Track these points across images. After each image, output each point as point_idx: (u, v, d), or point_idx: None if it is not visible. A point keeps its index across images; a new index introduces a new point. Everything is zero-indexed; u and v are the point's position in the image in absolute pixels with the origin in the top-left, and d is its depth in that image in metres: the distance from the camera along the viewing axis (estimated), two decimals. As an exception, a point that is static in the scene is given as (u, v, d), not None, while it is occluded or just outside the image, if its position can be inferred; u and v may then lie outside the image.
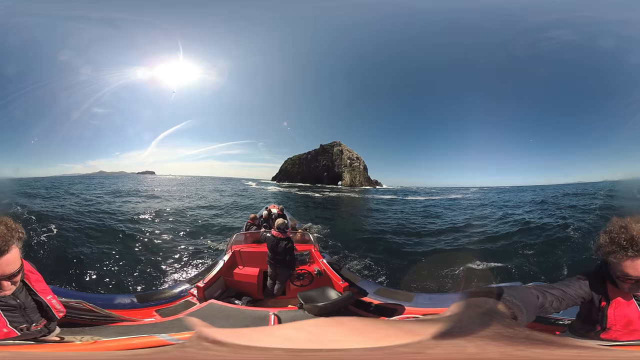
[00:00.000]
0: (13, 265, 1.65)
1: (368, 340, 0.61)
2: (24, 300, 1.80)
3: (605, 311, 1.68)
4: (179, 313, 3.58)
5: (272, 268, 5.10)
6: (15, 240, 1.67)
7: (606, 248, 1.54)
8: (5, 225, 1.64)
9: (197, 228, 13.05)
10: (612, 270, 1.59)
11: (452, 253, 10.06)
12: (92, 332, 2.10)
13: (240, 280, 5.34)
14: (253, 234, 6.48)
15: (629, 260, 1.49)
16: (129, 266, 7.81)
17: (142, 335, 1.76)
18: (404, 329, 0.67)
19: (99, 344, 1.60)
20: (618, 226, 1.54)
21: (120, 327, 2.60)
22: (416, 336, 0.61)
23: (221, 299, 4.49)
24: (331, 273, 5.01)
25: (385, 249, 10.40)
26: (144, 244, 10.00)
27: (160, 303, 3.97)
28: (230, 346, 0.60)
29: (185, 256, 8.73)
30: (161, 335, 1.74)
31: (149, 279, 7.22)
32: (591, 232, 11.44)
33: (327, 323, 0.68)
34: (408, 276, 7.75)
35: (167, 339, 1.68)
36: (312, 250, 5.88)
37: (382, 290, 4.45)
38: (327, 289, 4.05)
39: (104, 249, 9.06)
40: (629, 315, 1.66)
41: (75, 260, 8.00)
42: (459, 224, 16.51)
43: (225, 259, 5.50)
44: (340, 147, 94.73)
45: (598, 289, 1.69)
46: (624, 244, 1.48)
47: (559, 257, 9.17)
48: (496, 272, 8.19)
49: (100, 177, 69.97)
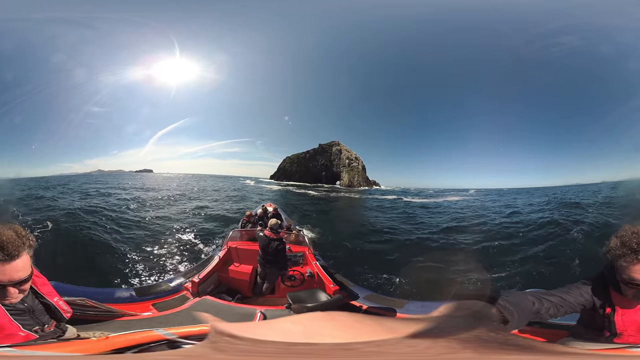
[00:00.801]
0: (22, 272, 1.62)
1: (355, 335, 0.64)
2: (32, 303, 1.81)
3: (612, 318, 1.66)
4: (173, 308, 3.64)
5: (261, 267, 5.16)
6: (27, 248, 1.65)
7: (617, 251, 1.54)
8: (15, 232, 1.62)
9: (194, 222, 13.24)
10: (619, 274, 1.58)
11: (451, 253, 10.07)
12: (101, 328, 2.17)
13: (233, 277, 5.42)
14: (249, 231, 6.52)
15: (639, 264, 1.49)
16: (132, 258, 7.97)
17: (141, 330, 1.76)
18: (386, 326, 0.70)
19: (112, 339, 1.63)
20: (630, 232, 1.54)
21: (122, 322, 2.71)
22: (394, 334, 0.64)
23: (213, 294, 4.58)
24: (323, 276, 5.04)
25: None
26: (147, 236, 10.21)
27: (157, 297, 4.05)
28: (245, 340, 0.64)
29: (180, 248, 8.86)
30: (158, 330, 1.73)
31: (148, 270, 7.35)
32: (595, 233, 11.30)
33: (321, 317, 0.72)
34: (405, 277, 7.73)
35: (163, 333, 1.67)
36: (306, 252, 5.92)
37: (373, 296, 4.50)
38: (318, 291, 4.10)
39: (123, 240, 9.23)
40: (637, 321, 1.64)
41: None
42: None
43: (220, 254, 5.55)
44: (339, 146, 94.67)
45: (601, 295, 1.68)
46: (636, 247, 1.49)
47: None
48: (499, 278, 8.09)
49: (98, 175, 69.68)
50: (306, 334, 0.65)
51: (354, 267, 8.53)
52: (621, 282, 1.58)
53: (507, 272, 8.43)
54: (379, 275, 7.97)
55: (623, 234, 1.55)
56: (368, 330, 0.68)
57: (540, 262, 8.97)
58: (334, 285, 4.61)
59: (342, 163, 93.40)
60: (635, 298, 1.58)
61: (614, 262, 1.59)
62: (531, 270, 8.49)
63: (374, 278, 7.88)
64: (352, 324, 0.70)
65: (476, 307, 0.97)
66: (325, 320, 0.71)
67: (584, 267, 8.19)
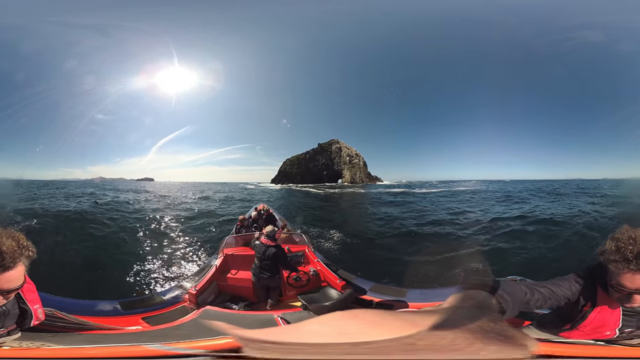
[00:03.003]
0: (14, 282, 1.61)
1: (383, 332, 0.64)
2: (10, 307, 1.78)
3: (588, 314, 1.68)
4: (173, 321, 3.44)
5: (256, 277, 4.89)
6: (24, 258, 1.64)
7: (610, 255, 1.53)
8: (17, 242, 1.60)
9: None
10: (609, 277, 1.59)
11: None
12: (54, 340, 2.06)
13: (234, 285, 5.23)
14: (244, 236, 6.40)
15: (630, 273, 1.48)
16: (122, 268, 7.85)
17: (124, 345, 1.66)
18: (409, 320, 0.70)
19: (32, 351, 1.58)
20: (627, 236, 1.51)
21: (93, 336, 2.53)
22: (419, 327, 0.65)
23: (215, 304, 4.44)
24: (328, 273, 4.98)
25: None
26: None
27: (148, 310, 3.82)
28: (284, 344, 0.62)
29: (177, 258, 8.76)
30: (152, 345, 1.62)
31: (138, 283, 7.17)
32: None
33: (344, 316, 0.71)
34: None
35: (162, 348, 1.58)
36: (306, 250, 5.80)
37: (377, 287, 4.47)
38: (327, 288, 3.99)
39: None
40: (607, 320, 1.68)
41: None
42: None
43: (216, 263, 5.39)
44: (338, 144, 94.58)
45: (588, 293, 1.69)
46: (630, 256, 1.46)
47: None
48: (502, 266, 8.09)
49: (99, 183, 70.14)
50: (342, 333, 0.64)
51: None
52: (610, 285, 1.60)
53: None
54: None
55: (619, 237, 1.53)
56: (395, 325, 0.68)
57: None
58: (340, 280, 4.57)
59: (343, 161, 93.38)
60: (620, 301, 1.61)
61: (606, 264, 1.58)
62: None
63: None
64: (376, 320, 0.71)
65: (480, 297, 1.00)
66: (349, 319, 0.71)
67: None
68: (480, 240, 10.78)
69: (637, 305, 1.59)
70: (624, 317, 1.67)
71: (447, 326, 0.67)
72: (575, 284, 1.70)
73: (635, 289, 1.50)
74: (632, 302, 1.54)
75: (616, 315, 1.67)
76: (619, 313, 1.67)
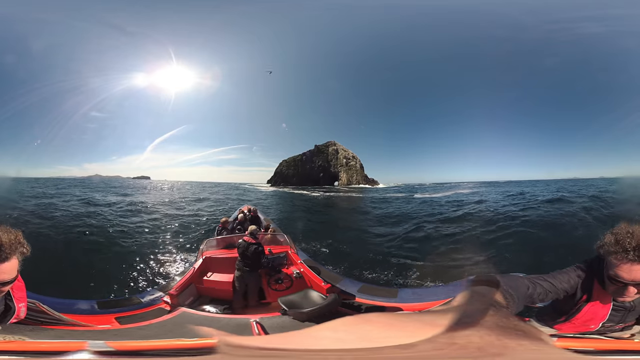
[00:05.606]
0: (6, 275, 1.67)
1: (403, 335, 0.61)
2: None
3: (582, 307, 1.73)
4: (143, 321, 3.47)
5: (240, 271, 4.97)
6: (18, 254, 1.71)
7: (609, 247, 1.57)
8: (15, 237, 1.68)
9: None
10: (607, 269, 1.63)
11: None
12: (31, 334, 2.08)
13: (213, 287, 5.16)
14: (224, 238, 6.28)
15: (628, 263, 1.53)
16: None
17: (72, 341, 1.58)
18: (426, 322, 0.69)
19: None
20: (625, 231, 1.56)
21: (64, 331, 2.60)
22: (438, 328, 0.63)
23: (194, 306, 4.39)
24: (311, 274, 4.83)
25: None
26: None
27: (123, 310, 3.84)
28: (276, 350, 0.60)
29: (158, 261, 8.68)
30: (95, 342, 1.50)
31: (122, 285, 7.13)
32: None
33: (355, 321, 0.68)
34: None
35: (103, 348, 1.45)
36: (289, 251, 5.63)
37: (365, 287, 4.36)
38: (309, 291, 3.89)
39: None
40: (597, 314, 1.73)
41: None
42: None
43: (196, 265, 5.34)
44: (335, 146, 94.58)
45: (585, 287, 1.74)
46: (628, 247, 1.52)
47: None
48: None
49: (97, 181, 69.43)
50: (361, 338, 0.62)
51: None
52: (607, 277, 1.63)
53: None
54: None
55: (618, 232, 1.58)
56: (413, 327, 0.66)
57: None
58: (325, 283, 4.36)
59: (340, 163, 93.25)
60: (615, 295, 1.65)
61: (604, 256, 1.63)
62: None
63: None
64: (392, 323, 0.69)
65: (489, 293, 0.99)
66: (360, 323, 0.68)
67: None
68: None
69: (628, 300, 1.67)
70: (612, 312, 1.73)
71: (465, 325, 0.66)
72: (575, 277, 1.74)
73: (631, 280, 1.54)
74: (627, 294, 1.59)
75: (606, 310, 1.72)
76: (609, 308, 1.72)
